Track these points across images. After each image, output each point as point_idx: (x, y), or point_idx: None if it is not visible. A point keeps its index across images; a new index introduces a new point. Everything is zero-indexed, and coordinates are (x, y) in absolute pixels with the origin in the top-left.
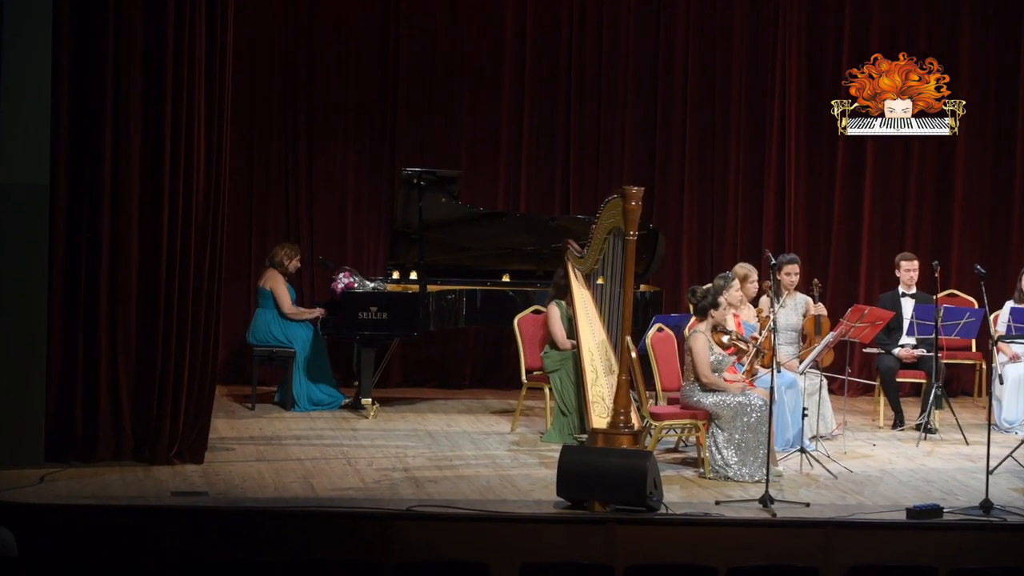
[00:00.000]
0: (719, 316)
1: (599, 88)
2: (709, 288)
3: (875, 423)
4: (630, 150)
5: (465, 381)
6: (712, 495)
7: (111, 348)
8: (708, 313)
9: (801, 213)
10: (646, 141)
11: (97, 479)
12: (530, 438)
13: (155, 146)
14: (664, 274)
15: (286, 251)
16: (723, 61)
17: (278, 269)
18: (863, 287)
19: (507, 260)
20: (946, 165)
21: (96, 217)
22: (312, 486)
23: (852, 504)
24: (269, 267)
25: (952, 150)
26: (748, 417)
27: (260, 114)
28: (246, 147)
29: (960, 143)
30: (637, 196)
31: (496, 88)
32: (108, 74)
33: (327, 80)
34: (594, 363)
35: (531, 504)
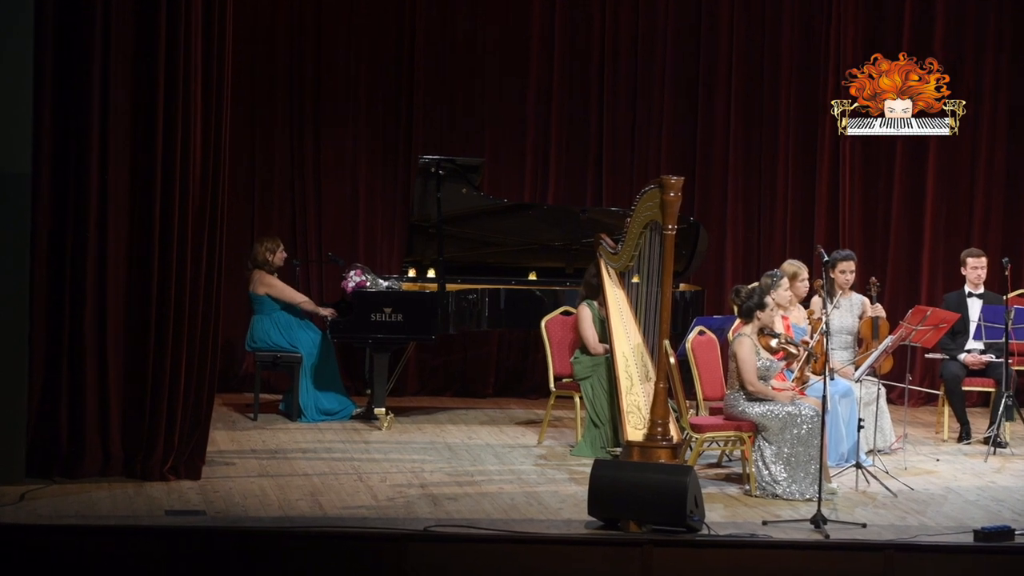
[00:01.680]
0: (766, 318)
1: (635, 68)
2: (755, 287)
3: (939, 436)
4: (668, 136)
5: (488, 389)
6: (759, 515)
7: (99, 352)
8: (754, 315)
9: (857, 205)
10: (686, 126)
11: (83, 497)
12: (559, 452)
13: (147, 132)
14: (706, 272)
15: (266, 245)
16: (772, 37)
17: (263, 269)
18: (925, 286)
19: (534, 257)
20: (1015, 157)
21: (82, 210)
22: (320, 504)
23: (913, 525)
24: (253, 269)
25: (1023, 142)
26: (798, 429)
27: (263, 97)
28: (247, 133)
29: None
30: (676, 186)
31: (522, 67)
32: (95, 53)
33: (336, 59)
34: (629, 369)
35: (560, 524)
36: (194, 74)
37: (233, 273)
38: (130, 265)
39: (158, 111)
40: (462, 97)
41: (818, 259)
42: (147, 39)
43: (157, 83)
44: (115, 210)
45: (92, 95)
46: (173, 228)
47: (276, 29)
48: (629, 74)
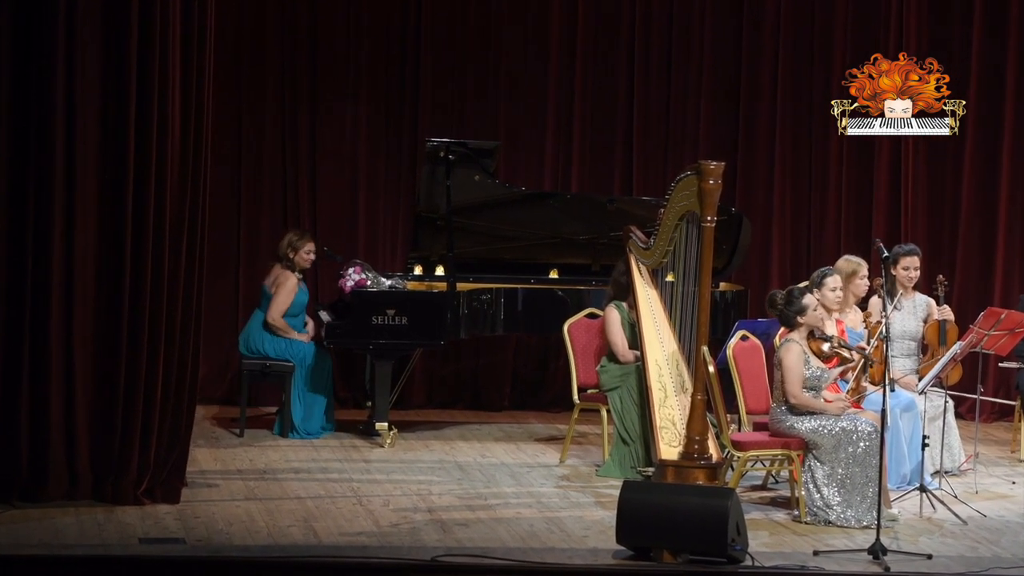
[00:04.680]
0: (812, 320)
1: (669, 41)
2: (792, 289)
3: (1014, 455)
4: (707, 116)
5: (503, 401)
6: (810, 544)
7: (65, 360)
8: (795, 322)
9: (922, 196)
10: (728, 105)
11: (47, 523)
12: (583, 472)
13: (118, 114)
14: (749, 270)
15: (289, 239)
16: (825, 4)
17: (284, 265)
18: (999, 287)
19: (555, 252)
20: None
21: (45, 203)
22: (315, 531)
23: (986, 557)
24: (275, 263)
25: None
26: (854, 447)
27: (251, 73)
28: (233, 115)
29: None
30: (716, 173)
31: (542, 39)
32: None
33: (334, 31)
34: (662, 379)
35: (585, 554)
36: (172, 47)
37: (217, 272)
38: (100, 265)
39: (130, 92)
40: (474, 72)
41: (877, 255)
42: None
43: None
44: (82, 205)
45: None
46: (148, 224)
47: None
48: (663, 45)
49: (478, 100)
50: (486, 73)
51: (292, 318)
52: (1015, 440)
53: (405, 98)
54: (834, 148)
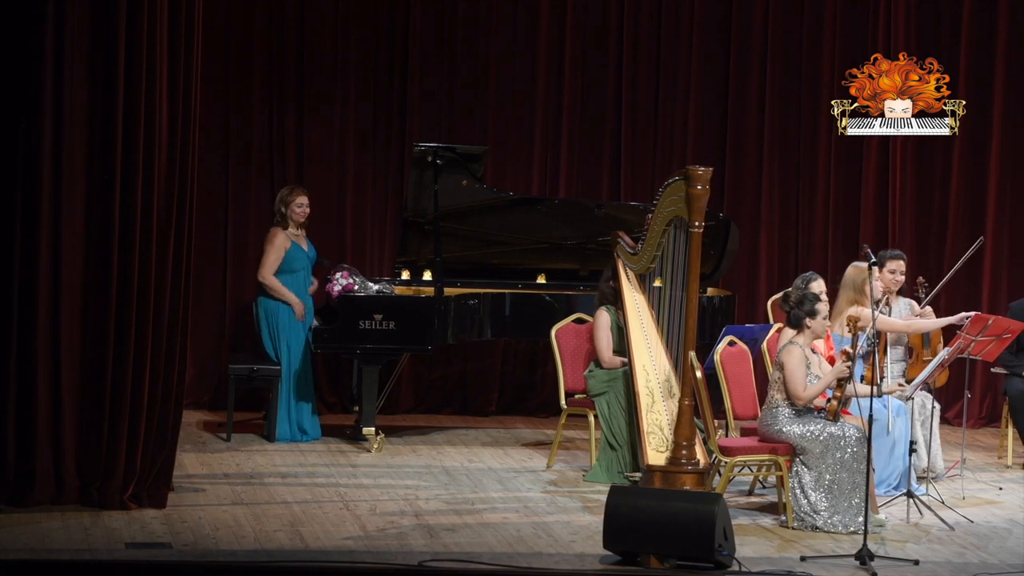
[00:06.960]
0: (819, 326)
1: (657, 45)
2: (806, 293)
3: (1002, 461)
4: (696, 121)
5: (491, 407)
6: (797, 549)
7: (51, 363)
8: (803, 324)
9: (909, 200)
10: (716, 110)
11: (34, 528)
12: (571, 477)
13: (105, 113)
14: (737, 275)
15: (281, 194)
16: (813, 9)
17: (277, 221)
18: (986, 293)
19: (543, 257)
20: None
21: (32, 203)
22: (301, 536)
23: (973, 563)
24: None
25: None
26: (842, 452)
27: (238, 74)
28: (220, 115)
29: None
30: (704, 178)
31: (531, 43)
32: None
33: (322, 30)
34: (650, 385)
35: (572, 559)
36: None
37: (204, 277)
38: (86, 270)
39: (117, 90)
40: (463, 76)
41: (864, 260)
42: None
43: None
44: (69, 208)
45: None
46: (135, 224)
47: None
48: (651, 50)
49: (466, 105)
50: (475, 75)
51: (290, 274)
52: (1002, 446)
53: (393, 102)
54: (822, 153)
